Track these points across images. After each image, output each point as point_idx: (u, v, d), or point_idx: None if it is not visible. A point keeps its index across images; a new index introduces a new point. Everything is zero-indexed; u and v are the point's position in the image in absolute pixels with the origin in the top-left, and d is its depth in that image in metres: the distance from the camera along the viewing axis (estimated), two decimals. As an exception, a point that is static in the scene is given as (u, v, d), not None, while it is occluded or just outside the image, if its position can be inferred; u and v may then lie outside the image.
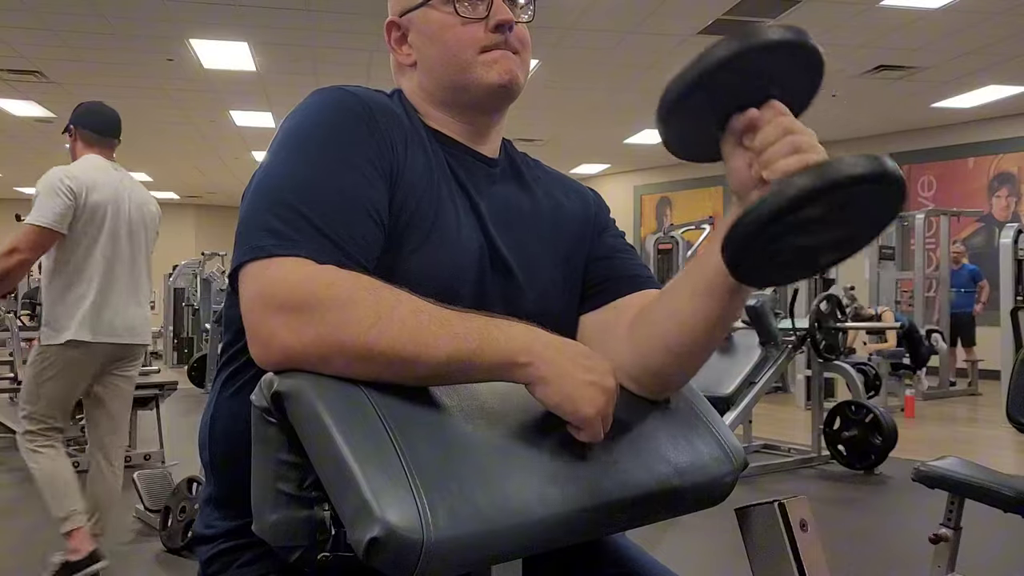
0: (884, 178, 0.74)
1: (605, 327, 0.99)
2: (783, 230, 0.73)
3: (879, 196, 0.75)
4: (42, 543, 3.43)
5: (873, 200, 0.76)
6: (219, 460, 0.96)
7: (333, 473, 0.68)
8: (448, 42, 0.97)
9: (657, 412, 0.92)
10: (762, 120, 0.80)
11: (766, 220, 0.72)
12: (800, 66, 0.80)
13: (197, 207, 18.13)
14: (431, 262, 0.89)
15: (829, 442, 5.00)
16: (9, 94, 9.10)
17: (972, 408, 7.89)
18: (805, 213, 0.72)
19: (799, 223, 0.73)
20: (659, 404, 0.93)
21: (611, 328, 0.98)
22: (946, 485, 2.35)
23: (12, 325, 6.17)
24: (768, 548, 0.89)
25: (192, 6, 6.41)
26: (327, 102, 0.90)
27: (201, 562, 0.96)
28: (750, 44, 0.77)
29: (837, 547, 3.36)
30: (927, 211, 9.13)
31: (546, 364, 0.79)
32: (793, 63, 0.80)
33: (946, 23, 6.74)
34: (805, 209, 0.72)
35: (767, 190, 0.74)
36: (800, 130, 0.79)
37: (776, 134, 0.78)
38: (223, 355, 0.97)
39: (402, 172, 0.90)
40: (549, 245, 1.03)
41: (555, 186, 1.10)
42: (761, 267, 0.80)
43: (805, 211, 0.72)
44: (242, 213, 0.84)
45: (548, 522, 0.74)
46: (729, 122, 0.82)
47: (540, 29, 6.83)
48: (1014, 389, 2.44)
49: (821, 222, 0.75)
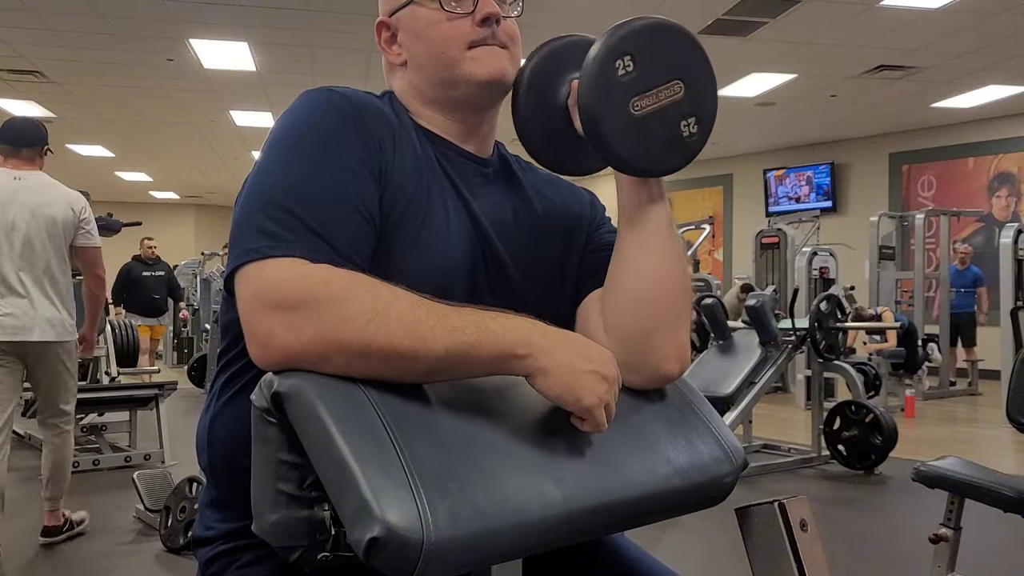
0: (659, 24, 0.91)
1: (585, 321, 0.99)
2: (614, 88, 0.88)
3: (676, 44, 0.92)
4: (42, 543, 3.43)
5: (673, 51, 0.92)
6: (218, 463, 0.96)
7: (333, 473, 0.68)
8: (435, 39, 0.96)
9: (657, 412, 0.92)
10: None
11: (591, 75, 0.88)
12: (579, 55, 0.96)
13: (197, 207, 18.13)
14: (422, 261, 0.90)
15: (829, 442, 4.99)
16: (9, 94, 9.10)
17: (972, 408, 7.89)
18: (619, 62, 0.88)
19: (624, 77, 0.89)
20: (659, 404, 0.93)
21: (589, 321, 0.98)
22: (946, 485, 2.35)
23: None
24: (768, 548, 0.89)
25: (192, 6, 6.41)
26: (316, 103, 0.90)
27: (200, 564, 0.96)
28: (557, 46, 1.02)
29: (837, 547, 3.36)
30: (927, 211, 9.13)
31: (545, 355, 0.79)
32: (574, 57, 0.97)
33: (946, 23, 6.74)
34: (615, 56, 0.89)
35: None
36: None
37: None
38: (221, 359, 0.97)
39: (391, 171, 0.90)
40: (543, 244, 1.03)
41: (548, 186, 1.10)
42: (630, 145, 0.91)
43: (616, 59, 0.88)
44: (236, 216, 0.84)
45: (548, 522, 0.74)
46: (572, 111, 0.96)
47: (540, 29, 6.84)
48: (1014, 389, 2.45)
49: (646, 76, 0.89)
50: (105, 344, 5.61)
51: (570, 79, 0.98)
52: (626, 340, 0.92)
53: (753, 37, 7.10)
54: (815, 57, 7.60)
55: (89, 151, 12.39)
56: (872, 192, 11.09)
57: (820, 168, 11.54)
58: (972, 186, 10.25)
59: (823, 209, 11.10)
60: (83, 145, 12.02)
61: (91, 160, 13.05)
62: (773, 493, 0.98)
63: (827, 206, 11.32)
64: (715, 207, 12.78)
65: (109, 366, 5.63)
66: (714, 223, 11.01)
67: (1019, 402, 2.42)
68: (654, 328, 0.92)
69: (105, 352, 5.67)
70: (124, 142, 11.87)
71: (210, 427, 0.96)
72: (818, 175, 11.60)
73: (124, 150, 12.46)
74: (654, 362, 0.92)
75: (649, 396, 0.93)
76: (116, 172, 14.33)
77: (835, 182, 11.45)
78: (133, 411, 5.17)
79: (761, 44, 7.29)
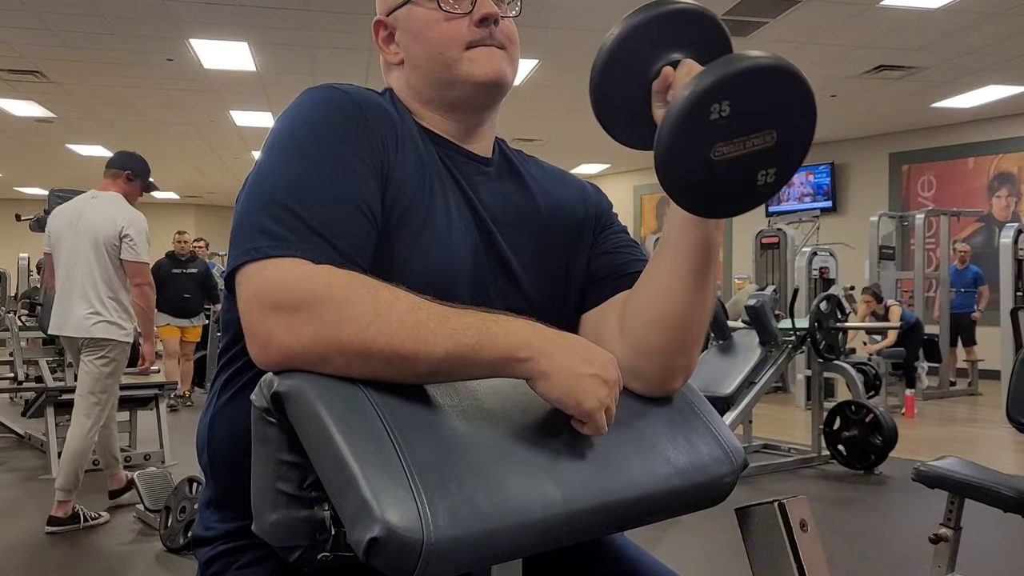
0: (780, 70, 0.80)
1: (600, 323, 0.99)
2: (703, 132, 0.79)
3: (784, 91, 0.81)
4: (42, 543, 3.44)
5: (782, 97, 0.81)
6: (218, 462, 0.95)
7: (333, 473, 0.68)
8: (433, 39, 0.96)
9: (657, 412, 0.92)
10: (675, 76, 0.90)
11: (676, 124, 0.79)
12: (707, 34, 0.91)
13: (197, 207, 18.13)
14: (425, 261, 0.89)
15: (829, 442, 5.00)
16: (9, 94, 9.10)
17: (972, 408, 7.89)
18: (716, 106, 0.78)
19: (717, 122, 0.79)
20: (659, 404, 0.93)
21: (605, 323, 0.98)
22: (946, 485, 2.36)
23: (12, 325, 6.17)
24: (768, 548, 0.89)
25: (192, 6, 6.41)
26: (317, 101, 0.89)
27: (200, 563, 0.96)
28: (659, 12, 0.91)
29: (837, 547, 3.37)
30: (927, 211, 9.13)
31: (546, 358, 0.78)
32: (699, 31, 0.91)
33: (946, 23, 6.74)
34: (713, 100, 0.78)
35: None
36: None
37: (687, 79, 0.83)
38: (221, 358, 0.96)
39: (393, 170, 0.89)
40: (547, 242, 1.02)
41: (552, 182, 1.08)
42: (699, 187, 0.84)
43: (714, 103, 0.78)
44: (236, 216, 0.84)
45: (548, 522, 0.74)
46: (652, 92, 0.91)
47: (540, 29, 6.84)
48: (1014, 389, 2.45)
49: (741, 123, 0.80)
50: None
51: (665, 60, 0.91)
52: (640, 352, 0.92)
53: (753, 37, 7.10)
54: (815, 57, 7.60)
55: (89, 151, 12.38)
56: (872, 192, 11.09)
57: (820, 168, 11.54)
58: (972, 186, 10.25)
59: (823, 209, 11.11)
60: (83, 145, 12.02)
61: (91, 160, 13.04)
62: (773, 493, 0.98)
63: (827, 206, 11.33)
64: (715, 207, 12.77)
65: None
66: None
67: (1019, 402, 2.42)
68: (672, 350, 0.92)
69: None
70: (124, 142, 11.85)
71: (210, 426, 0.96)
72: (818, 175, 11.61)
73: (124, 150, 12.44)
74: (663, 376, 0.93)
75: (650, 396, 0.93)
76: (116, 172, 14.32)
77: (835, 182, 11.45)
78: (133, 411, 5.17)
79: (761, 44, 7.29)
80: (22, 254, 9.92)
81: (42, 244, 3.93)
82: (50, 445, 4.66)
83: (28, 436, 5.59)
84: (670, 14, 0.91)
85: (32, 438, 5.51)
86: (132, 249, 3.68)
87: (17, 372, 5.92)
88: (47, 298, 4.19)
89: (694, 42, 0.92)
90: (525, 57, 7.48)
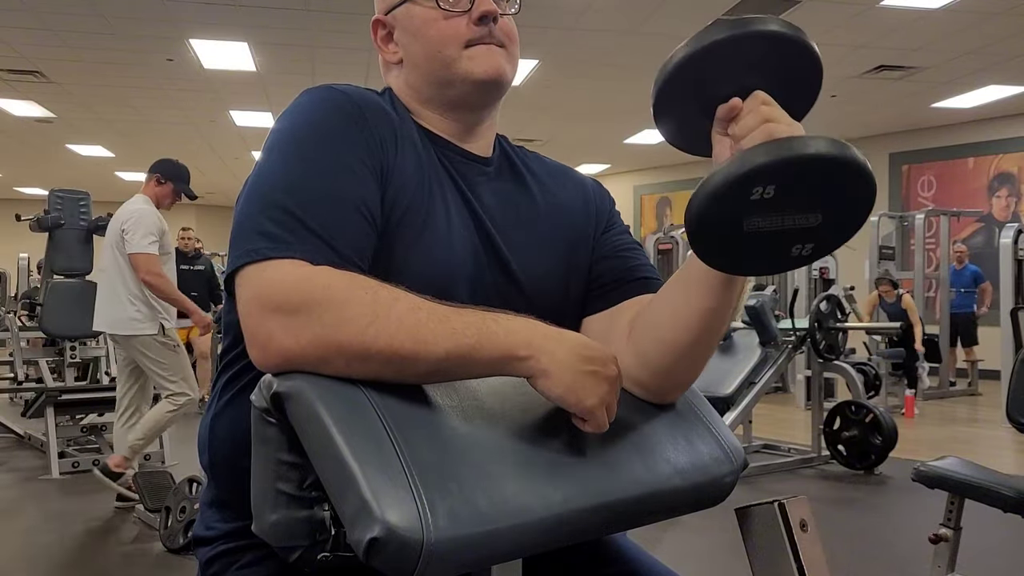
0: (842, 163, 0.71)
1: (610, 330, 0.98)
2: (739, 207, 0.72)
3: (843, 182, 0.73)
4: (42, 543, 3.44)
5: (838, 186, 0.73)
6: (219, 462, 0.95)
7: (333, 473, 0.68)
8: (432, 37, 0.95)
9: (657, 412, 0.92)
10: (743, 108, 0.81)
11: (714, 197, 0.72)
12: (793, 62, 0.79)
13: (197, 207, 18.06)
14: (425, 261, 0.89)
15: (829, 442, 5.00)
16: (9, 94, 9.10)
17: (972, 408, 7.89)
18: (759, 189, 0.71)
19: (757, 202, 0.72)
20: (659, 405, 0.93)
21: (617, 332, 0.97)
22: (946, 485, 2.36)
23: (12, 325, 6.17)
24: (768, 548, 0.89)
25: (192, 6, 6.41)
26: (316, 102, 0.89)
27: (201, 563, 0.96)
28: (733, 33, 0.77)
29: (837, 547, 3.36)
30: (927, 211, 9.13)
31: (547, 356, 0.78)
32: (784, 57, 0.79)
33: (946, 23, 6.74)
34: (757, 183, 0.70)
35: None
36: (780, 119, 0.79)
37: (755, 122, 0.79)
38: (223, 359, 0.96)
39: (392, 170, 0.89)
40: (548, 242, 1.02)
41: (554, 180, 1.08)
42: (726, 250, 0.78)
43: (758, 186, 0.71)
44: (236, 217, 0.84)
45: (548, 522, 0.74)
46: (716, 112, 0.82)
47: (540, 29, 6.84)
48: (1014, 389, 2.45)
49: (784, 204, 0.73)
50: (105, 344, 5.62)
51: (737, 84, 0.80)
52: (645, 366, 0.92)
53: (753, 37, 7.10)
54: (815, 57, 7.59)
55: (89, 151, 12.38)
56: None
57: (820, 168, 11.53)
58: (972, 186, 10.25)
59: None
60: (83, 145, 12.01)
61: (91, 160, 13.04)
62: (773, 493, 0.98)
63: (827, 206, 11.31)
64: (715, 207, 12.77)
65: (109, 366, 5.64)
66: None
67: (1019, 402, 2.42)
68: (679, 371, 0.92)
69: (105, 352, 5.67)
70: (124, 142, 11.86)
71: (211, 426, 0.96)
72: (818, 175, 11.59)
73: (124, 150, 12.45)
74: (665, 387, 0.93)
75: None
76: (116, 172, 14.32)
77: (835, 182, 11.43)
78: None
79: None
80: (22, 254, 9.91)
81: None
82: (50, 445, 4.67)
83: (28, 436, 5.60)
84: (756, 35, 0.77)
85: (32, 438, 5.51)
86: (129, 242, 3.80)
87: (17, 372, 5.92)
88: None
89: (774, 68, 0.80)
90: (525, 57, 7.47)
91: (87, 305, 5.16)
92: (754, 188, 0.71)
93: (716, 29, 0.78)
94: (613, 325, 0.99)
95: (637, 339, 0.94)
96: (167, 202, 4.09)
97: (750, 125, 0.79)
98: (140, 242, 3.80)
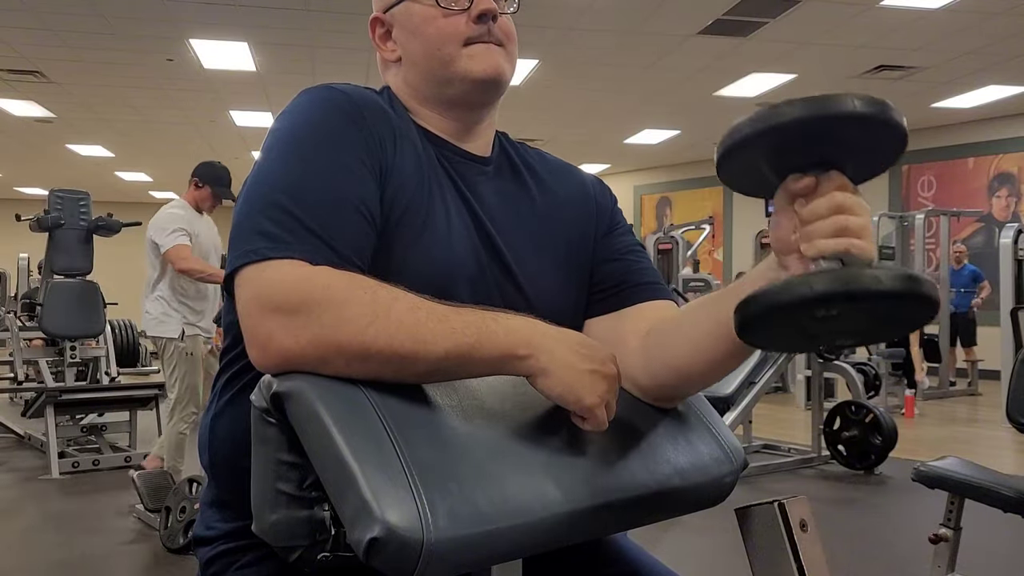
0: (912, 297, 0.70)
1: (614, 336, 0.98)
2: (800, 320, 0.71)
3: (904, 308, 0.72)
4: (42, 543, 3.44)
5: (896, 310, 0.72)
6: (220, 462, 0.95)
7: (333, 473, 0.68)
8: (430, 36, 0.95)
9: (657, 413, 0.92)
10: (817, 190, 0.75)
11: (775, 310, 0.70)
12: (876, 140, 0.75)
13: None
14: (424, 261, 0.89)
15: (829, 442, 4.99)
16: (9, 94, 9.10)
17: (972, 408, 7.89)
18: (823, 311, 0.70)
19: (821, 317, 0.71)
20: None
21: (621, 338, 0.97)
22: (946, 485, 2.35)
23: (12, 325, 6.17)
24: (768, 548, 0.89)
25: (192, 6, 6.41)
26: (315, 101, 0.89)
27: (201, 563, 0.96)
28: (826, 112, 0.71)
29: (837, 547, 3.36)
30: (927, 211, 9.13)
31: (546, 355, 0.78)
32: (869, 136, 0.75)
33: (946, 23, 6.74)
34: (823, 307, 0.69)
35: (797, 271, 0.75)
36: (852, 210, 0.74)
37: (826, 209, 0.74)
38: (223, 359, 0.96)
39: (392, 170, 0.89)
40: (548, 242, 1.01)
41: (554, 178, 1.07)
42: (770, 340, 0.80)
43: (823, 309, 0.69)
44: (235, 217, 0.84)
45: (548, 522, 0.74)
46: (786, 179, 0.77)
47: (540, 29, 6.84)
48: (1014, 389, 2.45)
49: (844, 316, 0.71)
50: (105, 344, 5.62)
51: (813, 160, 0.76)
52: (654, 379, 0.92)
53: (753, 37, 7.10)
54: (815, 57, 7.60)
55: (89, 151, 12.38)
56: (872, 192, 11.07)
57: (820, 168, 11.53)
58: (972, 186, 10.25)
59: (823, 209, 11.08)
60: (83, 145, 12.01)
61: (91, 160, 13.04)
62: (773, 493, 0.98)
63: (827, 206, 11.30)
64: (715, 207, 12.78)
65: (109, 366, 5.64)
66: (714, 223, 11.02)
67: (1019, 402, 2.42)
68: (687, 390, 0.94)
69: (105, 352, 5.67)
70: (124, 142, 11.87)
71: (212, 426, 0.96)
72: (818, 175, 11.59)
73: (124, 150, 12.45)
74: (667, 397, 0.93)
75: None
76: (116, 172, 14.33)
77: (835, 182, 11.43)
78: (133, 411, 5.17)
79: (761, 44, 7.29)
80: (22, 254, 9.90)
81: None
82: (50, 445, 4.67)
83: (28, 436, 5.60)
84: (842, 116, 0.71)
85: (32, 438, 5.51)
86: (161, 245, 3.86)
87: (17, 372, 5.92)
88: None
89: (856, 141, 0.75)
90: (525, 57, 7.47)
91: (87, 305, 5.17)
92: (817, 311, 0.69)
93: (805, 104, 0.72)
94: (618, 331, 0.98)
95: (649, 357, 0.93)
96: (207, 205, 4.12)
97: (820, 213, 0.74)
98: (165, 240, 3.85)
